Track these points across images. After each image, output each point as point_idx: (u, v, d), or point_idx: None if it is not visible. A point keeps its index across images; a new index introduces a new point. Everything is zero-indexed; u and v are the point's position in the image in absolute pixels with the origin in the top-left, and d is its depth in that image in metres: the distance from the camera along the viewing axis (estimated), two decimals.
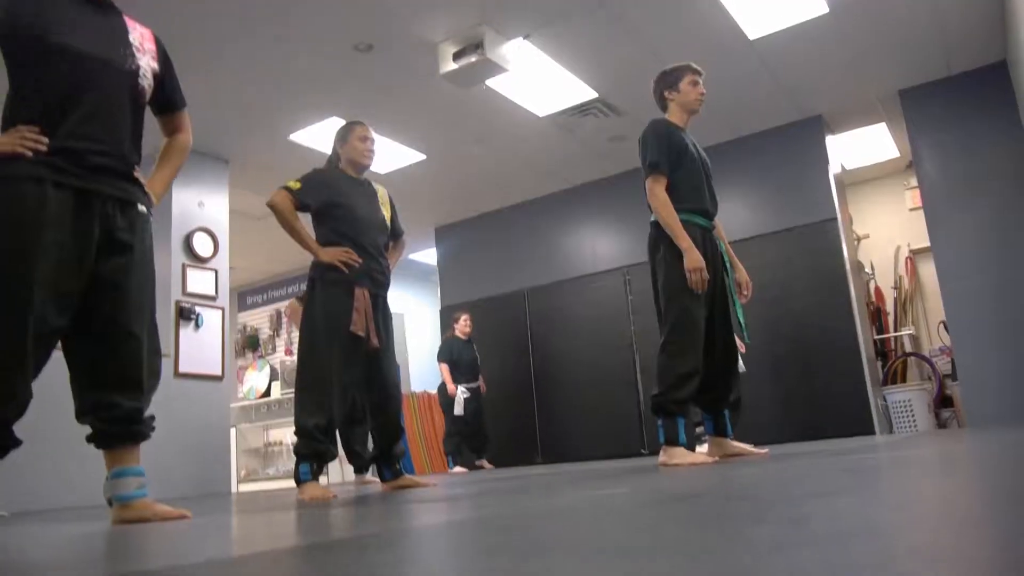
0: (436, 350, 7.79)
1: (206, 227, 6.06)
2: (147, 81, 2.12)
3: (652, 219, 3.36)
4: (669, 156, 3.29)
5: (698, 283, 3.13)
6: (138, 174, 2.12)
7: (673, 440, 3.12)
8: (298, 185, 3.27)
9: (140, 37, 2.17)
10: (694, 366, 3.15)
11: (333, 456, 3.26)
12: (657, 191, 3.27)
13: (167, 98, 2.31)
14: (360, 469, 5.28)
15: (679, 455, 3.09)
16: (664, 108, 3.52)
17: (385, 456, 3.44)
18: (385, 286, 3.42)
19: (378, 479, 3.59)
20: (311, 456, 3.15)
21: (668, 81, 3.49)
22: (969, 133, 5.95)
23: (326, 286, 3.22)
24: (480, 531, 1.34)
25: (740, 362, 3.52)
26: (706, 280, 3.16)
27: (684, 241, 3.17)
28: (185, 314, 5.68)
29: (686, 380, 3.13)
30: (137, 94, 2.11)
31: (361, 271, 3.23)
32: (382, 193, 3.57)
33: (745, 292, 3.50)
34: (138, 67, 2.10)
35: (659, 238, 3.31)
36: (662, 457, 3.17)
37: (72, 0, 2.05)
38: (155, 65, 2.19)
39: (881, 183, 8.16)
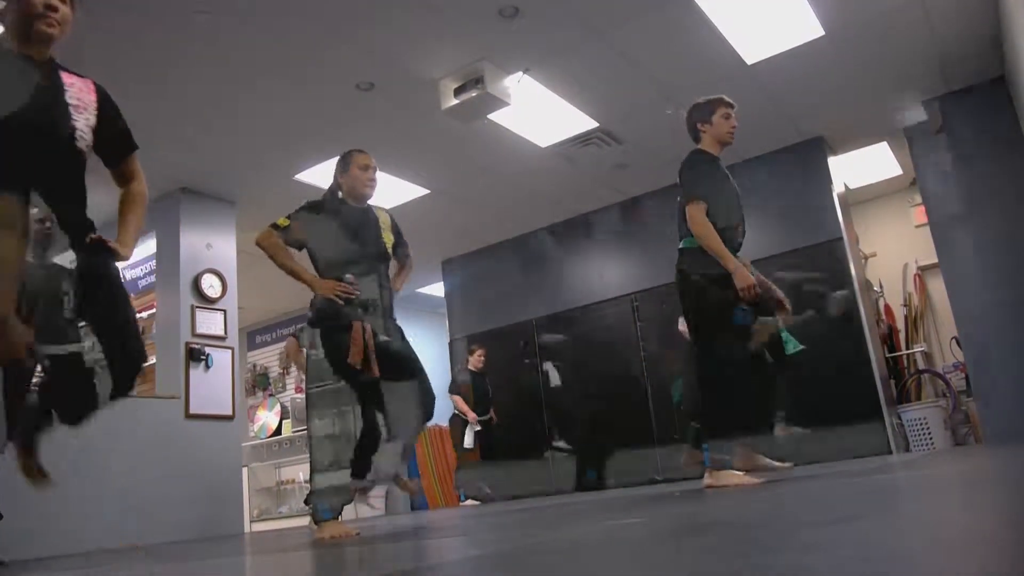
0: (446, 383, 7.76)
1: (214, 268, 6.08)
2: (84, 141, 2.07)
3: (681, 246, 3.38)
4: (711, 188, 3.35)
5: (754, 298, 3.18)
6: (97, 233, 2.13)
7: (721, 464, 3.15)
8: (286, 223, 3.18)
9: (78, 92, 2.11)
10: (747, 394, 3.23)
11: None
12: (699, 217, 3.26)
13: (112, 149, 2.25)
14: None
15: (726, 477, 3.12)
16: (697, 139, 3.56)
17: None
18: (383, 315, 3.28)
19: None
20: (330, 493, 3.14)
21: (701, 113, 3.54)
22: (972, 149, 5.96)
23: (324, 330, 3.19)
24: (500, 568, 1.33)
25: None
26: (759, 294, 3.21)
27: (731, 263, 3.19)
28: (195, 355, 5.69)
29: (739, 409, 3.19)
30: (76, 156, 2.07)
31: (356, 306, 3.14)
32: (384, 219, 3.44)
33: (787, 308, 3.52)
34: (74, 128, 2.04)
35: (692, 267, 3.32)
36: (708, 480, 3.18)
37: (10, 64, 2.00)
38: (93, 120, 2.12)
39: (886, 201, 8.16)
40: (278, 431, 9.20)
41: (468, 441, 6.99)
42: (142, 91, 4.59)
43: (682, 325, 4.61)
